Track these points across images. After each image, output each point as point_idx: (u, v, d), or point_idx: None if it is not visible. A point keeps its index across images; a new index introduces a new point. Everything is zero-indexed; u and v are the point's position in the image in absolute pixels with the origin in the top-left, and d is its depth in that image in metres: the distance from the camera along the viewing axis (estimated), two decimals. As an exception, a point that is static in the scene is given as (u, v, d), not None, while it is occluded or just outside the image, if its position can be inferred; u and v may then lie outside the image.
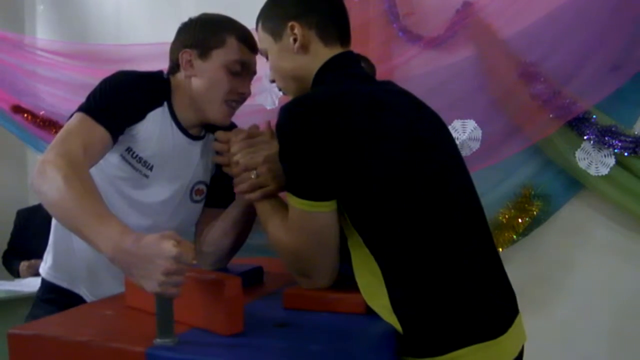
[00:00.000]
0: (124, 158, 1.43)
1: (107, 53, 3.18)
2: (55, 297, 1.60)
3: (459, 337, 1.08)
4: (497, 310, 1.17)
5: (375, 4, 2.60)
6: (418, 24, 2.55)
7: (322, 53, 1.25)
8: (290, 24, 1.24)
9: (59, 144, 1.25)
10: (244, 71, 1.46)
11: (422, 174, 1.15)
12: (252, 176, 1.27)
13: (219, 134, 1.40)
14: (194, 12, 1.51)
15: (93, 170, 1.33)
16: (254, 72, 1.50)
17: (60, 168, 1.17)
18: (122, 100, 1.37)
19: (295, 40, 1.24)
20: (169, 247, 0.94)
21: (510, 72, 2.37)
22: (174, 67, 1.48)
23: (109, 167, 1.43)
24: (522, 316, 1.24)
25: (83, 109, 1.34)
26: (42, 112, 3.29)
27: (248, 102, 1.54)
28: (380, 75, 2.13)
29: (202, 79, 1.44)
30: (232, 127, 1.53)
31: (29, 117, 3.28)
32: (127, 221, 1.14)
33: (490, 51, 2.45)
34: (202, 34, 1.44)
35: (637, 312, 2.34)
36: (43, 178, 1.18)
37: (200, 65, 1.44)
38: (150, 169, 1.46)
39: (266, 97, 2.73)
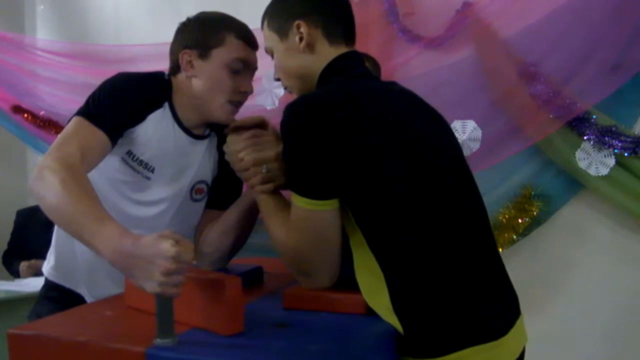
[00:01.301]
0: (125, 161, 1.43)
1: (107, 53, 3.18)
2: (57, 295, 1.61)
3: (460, 338, 1.08)
4: (499, 311, 1.17)
5: (375, 4, 2.60)
6: (418, 24, 2.55)
7: (327, 52, 1.25)
8: (296, 22, 1.25)
9: (56, 149, 1.25)
10: (245, 68, 1.46)
11: (425, 175, 1.15)
12: (263, 170, 1.27)
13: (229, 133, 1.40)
14: (193, 12, 1.51)
15: (94, 173, 1.33)
16: (255, 68, 1.50)
17: (58, 172, 1.17)
18: (120, 103, 1.37)
19: (301, 39, 1.25)
20: (167, 246, 0.94)
21: (510, 72, 2.37)
22: (175, 68, 1.47)
23: (110, 171, 1.43)
24: (523, 317, 1.24)
25: (81, 112, 1.34)
26: (42, 112, 3.29)
27: (248, 102, 1.54)
28: (381, 75, 2.12)
29: (203, 79, 1.43)
30: None
31: (29, 117, 3.28)
32: (129, 222, 1.14)
33: (490, 51, 2.44)
34: (201, 34, 1.44)
35: (637, 312, 2.34)
36: (41, 183, 1.18)
37: (200, 65, 1.43)
38: (152, 171, 1.46)
39: (266, 97, 2.73)
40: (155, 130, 1.44)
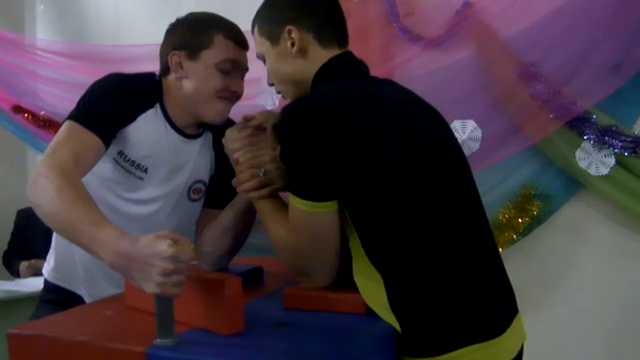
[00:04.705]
0: (117, 162, 1.43)
1: (107, 53, 3.18)
2: (57, 298, 1.62)
3: (457, 337, 1.08)
4: (496, 310, 1.17)
5: (375, 5, 2.60)
6: (418, 24, 2.55)
7: (320, 56, 1.25)
8: (287, 28, 1.24)
9: (49, 155, 1.26)
10: (235, 69, 1.46)
11: (423, 173, 1.15)
12: (260, 174, 1.27)
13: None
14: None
15: (87, 176, 1.33)
16: (246, 69, 1.50)
17: (52, 180, 1.17)
18: (110, 104, 1.37)
19: (293, 44, 1.24)
20: (164, 247, 0.94)
21: (510, 72, 2.37)
22: (165, 69, 1.47)
23: (102, 171, 1.43)
24: (521, 315, 1.24)
25: (72, 116, 1.35)
26: (42, 112, 3.28)
27: (249, 102, 1.54)
28: (381, 75, 2.12)
29: (192, 80, 1.43)
30: (232, 125, 1.53)
31: (29, 117, 3.28)
32: (123, 221, 1.14)
33: (490, 51, 2.44)
34: (190, 35, 1.43)
35: (637, 312, 2.34)
36: (36, 191, 1.19)
37: (190, 66, 1.43)
38: (145, 171, 1.46)
39: (266, 97, 2.73)
40: (147, 131, 1.44)
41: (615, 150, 2.24)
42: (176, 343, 0.95)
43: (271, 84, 1.34)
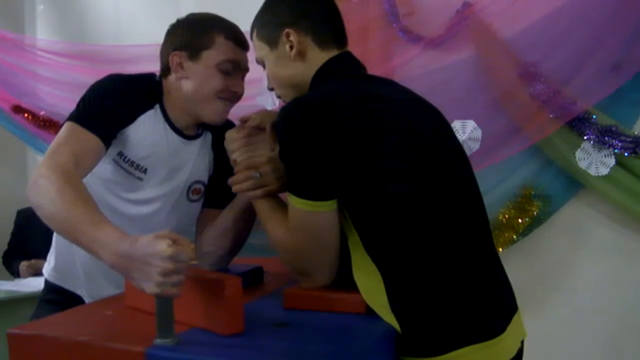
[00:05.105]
0: (116, 163, 1.43)
1: (107, 53, 3.18)
2: (57, 298, 1.62)
3: (457, 337, 1.08)
4: (496, 309, 1.17)
5: (375, 5, 2.60)
6: (418, 24, 2.55)
7: (319, 58, 1.25)
8: (285, 31, 1.25)
9: (50, 157, 1.26)
10: (235, 69, 1.46)
11: (422, 172, 1.16)
12: (256, 175, 1.27)
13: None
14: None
15: (87, 176, 1.33)
16: (246, 70, 1.50)
17: (53, 181, 1.18)
18: (110, 104, 1.37)
19: (291, 47, 1.25)
20: (163, 247, 0.94)
21: (510, 72, 2.37)
22: (165, 70, 1.47)
23: (103, 173, 1.43)
24: (521, 313, 1.24)
25: (73, 117, 1.35)
26: (42, 112, 3.28)
27: (249, 103, 1.54)
28: (380, 75, 2.12)
29: (193, 80, 1.43)
30: (231, 126, 1.53)
31: (29, 117, 3.28)
32: (122, 221, 1.14)
33: (490, 51, 2.44)
34: (191, 35, 1.44)
35: (637, 312, 2.34)
36: (37, 192, 1.19)
37: (190, 66, 1.43)
38: (144, 172, 1.46)
39: (266, 97, 2.73)
40: (147, 132, 1.44)
41: (615, 151, 2.24)
42: (176, 343, 0.95)
43: (271, 89, 1.34)
